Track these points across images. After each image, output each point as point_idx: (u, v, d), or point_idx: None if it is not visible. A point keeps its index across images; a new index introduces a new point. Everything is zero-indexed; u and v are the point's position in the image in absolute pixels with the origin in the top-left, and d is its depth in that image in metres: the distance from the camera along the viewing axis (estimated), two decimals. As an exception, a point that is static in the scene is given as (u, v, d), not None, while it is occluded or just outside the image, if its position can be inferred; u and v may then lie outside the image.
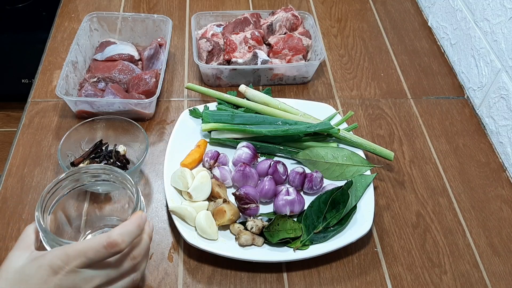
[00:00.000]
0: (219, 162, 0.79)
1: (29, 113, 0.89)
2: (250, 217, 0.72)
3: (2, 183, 0.78)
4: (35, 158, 0.82)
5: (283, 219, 0.71)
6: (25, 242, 0.56)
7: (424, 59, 1.06)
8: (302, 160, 0.82)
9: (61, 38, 1.05)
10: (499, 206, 0.81)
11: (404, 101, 0.97)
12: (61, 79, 0.85)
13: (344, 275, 0.70)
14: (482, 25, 0.94)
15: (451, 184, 0.83)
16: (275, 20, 1.01)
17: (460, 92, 1.00)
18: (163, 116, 0.91)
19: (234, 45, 0.96)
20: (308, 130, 0.81)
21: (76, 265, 0.50)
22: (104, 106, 0.85)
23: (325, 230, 0.71)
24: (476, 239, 0.76)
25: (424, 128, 0.92)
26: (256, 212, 0.73)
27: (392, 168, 0.85)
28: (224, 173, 0.77)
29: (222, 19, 1.05)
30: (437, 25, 1.12)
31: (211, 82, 0.96)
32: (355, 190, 0.75)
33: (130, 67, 0.93)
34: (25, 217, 0.74)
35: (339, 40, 1.10)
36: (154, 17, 1.00)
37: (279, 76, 0.96)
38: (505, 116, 0.87)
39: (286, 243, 0.70)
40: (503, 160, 0.87)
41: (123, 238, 0.52)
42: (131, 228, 0.53)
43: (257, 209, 0.73)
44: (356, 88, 0.99)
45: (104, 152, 0.79)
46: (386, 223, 0.77)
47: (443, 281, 0.71)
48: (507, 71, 0.86)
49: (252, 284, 0.69)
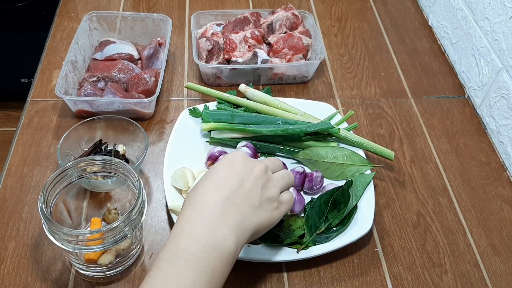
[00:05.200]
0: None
1: (28, 113, 0.89)
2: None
3: (2, 183, 0.78)
4: (34, 158, 0.82)
5: (293, 218, 0.72)
6: None
7: (425, 58, 1.06)
8: (302, 160, 0.81)
9: (60, 38, 1.05)
10: (499, 205, 0.81)
11: (405, 100, 0.97)
12: (61, 78, 0.85)
13: (345, 275, 0.70)
14: (483, 24, 0.94)
15: (451, 183, 0.83)
16: (275, 19, 1.01)
17: (460, 92, 1.00)
18: (162, 116, 0.90)
19: (234, 44, 0.96)
20: (308, 129, 0.81)
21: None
22: (104, 105, 0.85)
23: (328, 231, 0.71)
24: (476, 239, 0.76)
25: (425, 128, 0.92)
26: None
27: (392, 168, 0.85)
28: None
29: (222, 18, 1.04)
30: (438, 24, 1.12)
31: (211, 82, 0.96)
32: (355, 190, 0.75)
33: (129, 67, 0.92)
34: (25, 216, 0.74)
35: (339, 40, 1.10)
36: (154, 16, 1.00)
37: (279, 75, 0.96)
38: (505, 115, 0.87)
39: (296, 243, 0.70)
40: (504, 159, 0.87)
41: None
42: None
43: None
44: (356, 87, 0.99)
45: (103, 151, 0.79)
46: (386, 223, 0.77)
47: (443, 281, 0.71)
48: (508, 70, 0.86)
49: (252, 284, 0.69)
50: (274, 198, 0.60)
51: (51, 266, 0.68)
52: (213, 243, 0.53)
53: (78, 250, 0.60)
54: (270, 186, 0.60)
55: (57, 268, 0.68)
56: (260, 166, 0.60)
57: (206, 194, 0.56)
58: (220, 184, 0.57)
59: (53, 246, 0.70)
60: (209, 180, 0.58)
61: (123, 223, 0.60)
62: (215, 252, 0.53)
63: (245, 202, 0.57)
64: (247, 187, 0.58)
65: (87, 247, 0.60)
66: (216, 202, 0.55)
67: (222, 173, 0.58)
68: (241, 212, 0.56)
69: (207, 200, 0.56)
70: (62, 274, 0.68)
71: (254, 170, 0.59)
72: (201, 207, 0.55)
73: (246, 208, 0.57)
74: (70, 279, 0.67)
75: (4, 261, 0.69)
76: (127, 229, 0.60)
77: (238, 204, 0.56)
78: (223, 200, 0.56)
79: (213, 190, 0.57)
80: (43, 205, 0.59)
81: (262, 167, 0.60)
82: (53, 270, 0.68)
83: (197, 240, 0.53)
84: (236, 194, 0.57)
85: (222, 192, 0.56)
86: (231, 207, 0.56)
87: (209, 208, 0.55)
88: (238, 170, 0.58)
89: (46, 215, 0.58)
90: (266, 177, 0.60)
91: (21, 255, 0.69)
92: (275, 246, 0.70)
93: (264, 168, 0.60)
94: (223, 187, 0.57)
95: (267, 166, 0.62)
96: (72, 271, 0.68)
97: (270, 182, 0.61)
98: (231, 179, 0.58)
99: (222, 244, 0.53)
